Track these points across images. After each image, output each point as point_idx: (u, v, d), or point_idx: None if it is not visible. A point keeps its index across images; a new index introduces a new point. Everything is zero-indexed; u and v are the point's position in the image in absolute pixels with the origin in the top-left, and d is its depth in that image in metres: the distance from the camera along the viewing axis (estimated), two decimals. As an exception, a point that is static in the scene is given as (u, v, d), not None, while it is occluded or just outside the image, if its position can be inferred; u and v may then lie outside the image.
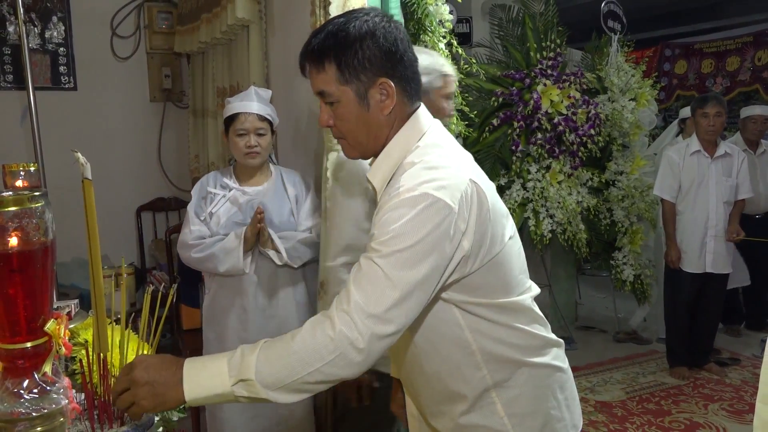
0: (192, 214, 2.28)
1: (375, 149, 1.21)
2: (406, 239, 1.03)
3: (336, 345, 1.01)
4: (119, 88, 3.98)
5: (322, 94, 1.18)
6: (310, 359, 1.03)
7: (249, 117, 2.25)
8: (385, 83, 1.15)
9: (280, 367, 1.05)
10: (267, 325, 2.29)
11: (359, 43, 1.13)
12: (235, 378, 1.05)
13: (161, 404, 1.03)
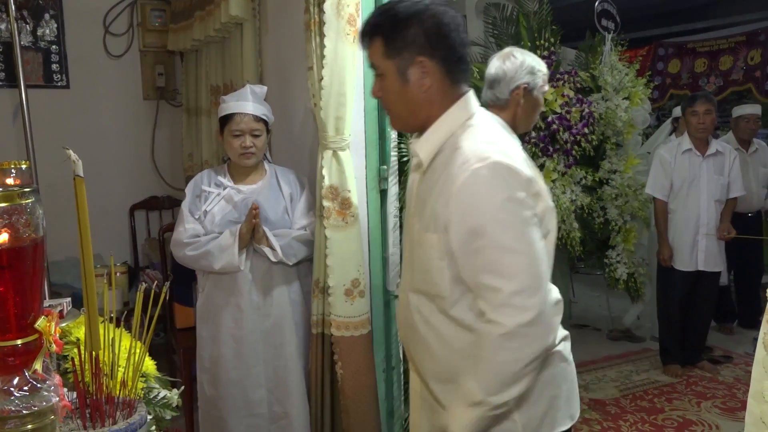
0: (186, 212, 2.28)
1: (415, 124, 1.30)
2: None
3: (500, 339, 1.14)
4: (112, 86, 3.96)
5: (372, 66, 1.29)
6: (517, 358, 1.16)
7: (245, 118, 2.25)
8: (424, 62, 1.23)
9: None
10: (262, 323, 2.29)
11: (404, 22, 1.22)
12: (481, 410, 1.18)
13: None
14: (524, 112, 1.94)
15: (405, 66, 1.24)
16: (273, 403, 2.32)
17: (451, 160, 1.21)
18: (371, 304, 2.37)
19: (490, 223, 1.15)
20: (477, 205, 1.16)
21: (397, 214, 2.41)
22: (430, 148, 1.26)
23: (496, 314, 1.15)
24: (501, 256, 1.15)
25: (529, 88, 1.90)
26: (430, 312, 1.29)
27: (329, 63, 2.10)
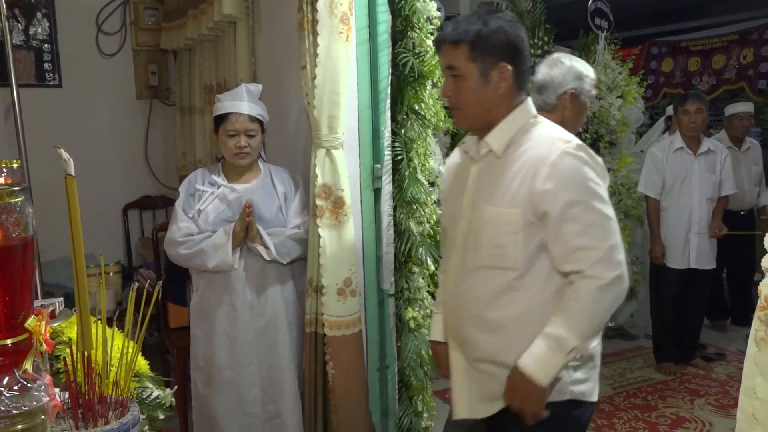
0: (180, 211, 2.27)
1: (482, 122, 1.47)
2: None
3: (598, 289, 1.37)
4: (105, 85, 3.94)
5: (450, 68, 1.44)
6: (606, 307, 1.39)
7: (240, 118, 2.24)
8: (504, 67, 1.42)
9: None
10: (256, 322, 2.28)
11: (493, 31, 1.41)
12: (563, 353, 1.37)
13: (539, 401, 1.41)
14: (571, 115, 2.04)
15: (488, 69, 1.42)
16: (266, 402, 2.32)
17: (531, 146, 1.41)
18: (365, 303, 2.37)
19: (585, 194, 1.37)
20: (571, 179, 1.37)
21: (391, 213, 2.41)
22: (503, 140, 1.44)
23: (594, 270, 1.36)
24: (595, 221, 1.37)
25: (576, 93, 2.01)
26: (497, 284, 1.44)
27: (322, 62, 2.10)
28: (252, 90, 2.34)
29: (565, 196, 1.37)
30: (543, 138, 1.43)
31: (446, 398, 3.45)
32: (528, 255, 1.42)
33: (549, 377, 1.39)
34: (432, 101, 2.45)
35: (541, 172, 1.38)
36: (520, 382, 1.40)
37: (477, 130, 1.50)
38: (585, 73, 2.03)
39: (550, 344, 1.37)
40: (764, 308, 0.98)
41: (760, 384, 0.98)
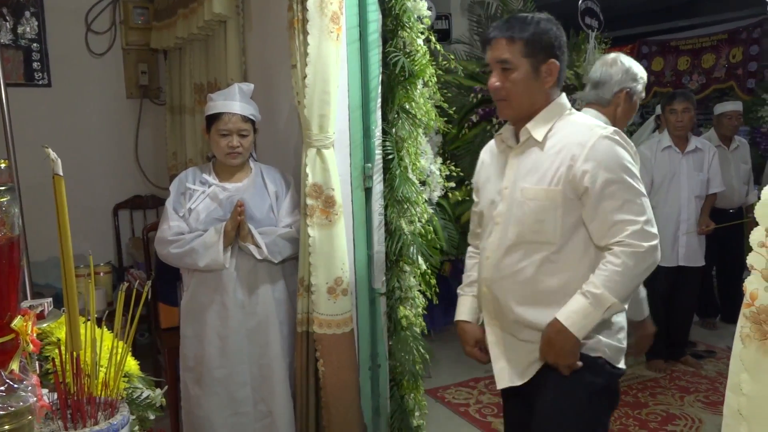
0: (170, 209, 2.27)
1: (525, 113, 1.61)
2: None
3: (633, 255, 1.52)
4: (95, 84, 3.92)
5: (502, 62, 1.57)
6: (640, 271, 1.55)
7: (233, 118, 2.24)
8: (553, 64, 1.58)
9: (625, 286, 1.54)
10: (247, 321, 2.28)
11: (545, 31, 1.57)
12: (601, 309, 1.52)
13: (573, 353, 1.56)
14: (623, 113, 2.18)
15: (538, 65, 1.57)
16: (257, 401, 2.32)
17: (569, 131, 1.57)
18: (357, 302, 2.38)
19: (622, 173, 1.52)
20: (608, 160, 1.52)
21: (382, 212, 2.41)
22: (544, 129, 1.59)
23: (632, 239, 1.51)
24: (631, 198, 1.53)
25: (630, 93, 2.15)
26: (536, 258, 1.58)
27: (313, 61, 2.10)
28: (244, 89, 2.34)
29: (603, 175, 1.51)
30: (580, 125, 1.58)
31: (438, 397, 3.47)
32: (565, 231, 1.57)
33: (584, 331, 1.53)
34: (423, 100, 2.46)
35: (581, 154, 1.52)
36: (557, 335, 1.54)
37: (518, 120, 1.64)
38: (640, 75, 2.15)
39: (589, 300, 1.51)
40: (749, 305, 0.98)
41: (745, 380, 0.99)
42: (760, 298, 0.98)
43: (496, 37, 1.59)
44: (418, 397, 2.55)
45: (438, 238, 2.76)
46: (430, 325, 3.90)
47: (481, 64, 4.10)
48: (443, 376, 3.74)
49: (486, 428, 3.12)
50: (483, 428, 3.12)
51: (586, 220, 1.56)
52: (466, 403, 3.41)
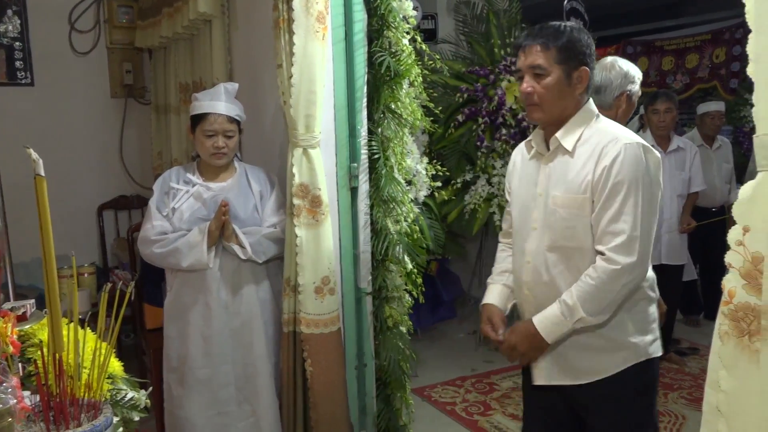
0: (154, 209, 2.26)
1: (555, 118, 1.64)
2: None
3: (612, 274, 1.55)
4: (79, 83, 3.89)
5: (535, 67, 1.61)
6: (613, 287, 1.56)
7: (218, 118, 2.23)
8: (584, 71, 1.62)
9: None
10: (231, 321, 2.28)
11: (578, 39, 1.61)
12: (571, 320, 1.59)
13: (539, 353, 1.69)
14: (624, 113, 2.27)
15: (571, 72, 1.61)
16: (241, 401, 2.31)
17: (597, 140, 1.60)
18: (343, 302, 2.38)
19: (633, 182, 1.53)
20: (625, 167, 1.54)
21: (368, 211, 2.42)
22: (573, 138, 1.63)
23: (612, 253, 1.53)
24: (629, 210, 1.53)
25: (629, 95, 2.22)
26: (571, 263, 1.64)
27: (298, 60, 2.10)
28: (229, 89, 2.33)
29: (615, 179, 1.55)
30: (607, 133, 1.61)
31: (424, 395, 3.48)
32: None
33: (554, 336, 1.62)
34: (408, 100, 2.46)
35: (603, 162, 1.57)
36: (529, 336, 1.64)
37: (548, 124, 1.68)
38: (637, 77, 2.25)
39: (562, 310, 1.59)
40: (728, 303, 1.00)
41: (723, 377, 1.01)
42: (738, 296, 1.00)
43: (530, 43, 1.64)
44: (404, 396, 2.56)
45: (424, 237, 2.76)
46: (417, 325, 3.91)
47: (467, 63, 4.11)
48: (430, 375, 3.75)
49: (472, 426, 3.13)
50: (469, 426, 3.14)
51: (593, 222, 1.60)
52: (453, 401, 3.43)
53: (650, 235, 1.57)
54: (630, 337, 1.65)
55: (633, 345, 1.65)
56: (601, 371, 1.66)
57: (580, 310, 1.56)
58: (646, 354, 1.67)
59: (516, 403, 3.37)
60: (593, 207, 1.59)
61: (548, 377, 1.73)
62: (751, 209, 0.97)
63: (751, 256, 0.97)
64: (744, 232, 0.98)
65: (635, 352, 1.65)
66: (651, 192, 1.57)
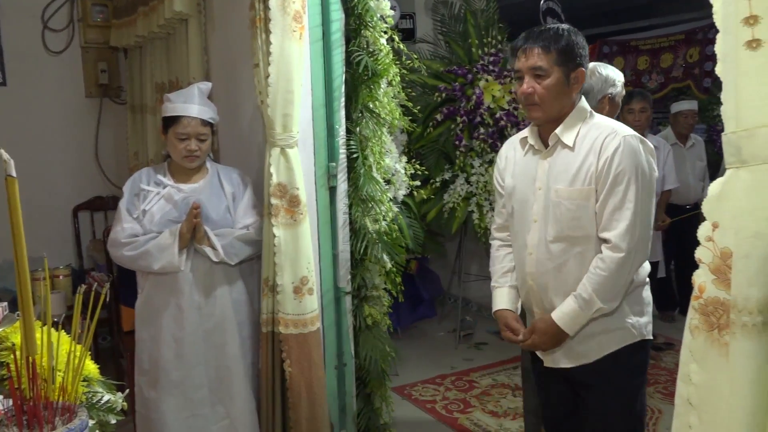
0: (124, 211, 2.22)
1: (553, 116, 1.72)
2: None
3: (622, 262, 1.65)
4: (52, 83, 3.83)
5: (536, 69, 1.68)
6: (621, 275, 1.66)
7: (192, 122, 2.21)
8: (581, 71, 1.71)
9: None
10: (203, 323, 2.25)
11: (575, 41, 1.69)
12: (589, 312, 1.68)
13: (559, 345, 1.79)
14: (609, 113, 2.41)
15: (569, 73, 1.69)
16: (215, 403, 2.29)
17: (596, 134, 1.69)
18: (322, 302, 2.38)
19: (633, 171, 1.63)
20: (626, 157, 1.64)
21: (347, 210, 2.42)
22: (572, 133, 1.72)
23: (618, 240, 1.64)
24: (632, 198, 1.63)
25: (611, 97, 2.38)
26: (576, 252, 1.73)
27: (275, 60, 2.09)
28: (203, 89, 2.31)
29: (617, 170, 1.64)
30: (605, 127, 1.71)
31: (404, 394, 3.49)
32: None
33: (575, 329, 1.72)
34: (387, 99, 2.47)
35: (605, 154, 1.66)
36: (553, 330, 1.74)
37: (546, 122, 1.76)
38: (618, 79, 2.41)
39: (580, 304, 1.68)
40: (698, 297, 1.02)
41: (694, 370, 1.03)
42: (707, 291, 1.02)
43: (531, 46, 1.71)
44: (384, 395, 2.57)
45: (403, 236, 2.77)
46: (397, 324, 3.93)
47: (445, 63, 4.13)
48: (410, 374, 3.76)
49: (452, 424, 3.15)
50: (450, 424, 3.16)
51: (597, 210, 1.70)
52: (433, 399, 3.44)
53: (650, 219, 1.69)
54: (627, 319, 1.76)
55: (629, 326, 1.77)
56: (599, 351, 1.78)
57: (597, 301, 1.67)
58: (641, 335, 1.79)
59: (495, 400, 3.39)
60: (597, 196, 1.68)
61: (554, 361, 1.86)
62: (719, 206, 0.99)
63: (720, 252, 1.00)
64: (713, 228, 1.00)
65: (631, 332, 1.77)
66: (649, 179, 1.67)
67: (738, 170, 0.97)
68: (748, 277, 0.93)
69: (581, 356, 1.80)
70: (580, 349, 1.79)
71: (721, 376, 0.99)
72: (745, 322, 0.93)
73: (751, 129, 0.93)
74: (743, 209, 0.95)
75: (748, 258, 0.94)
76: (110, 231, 2.28)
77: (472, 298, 4.98)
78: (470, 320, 4.48)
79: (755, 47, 0.92)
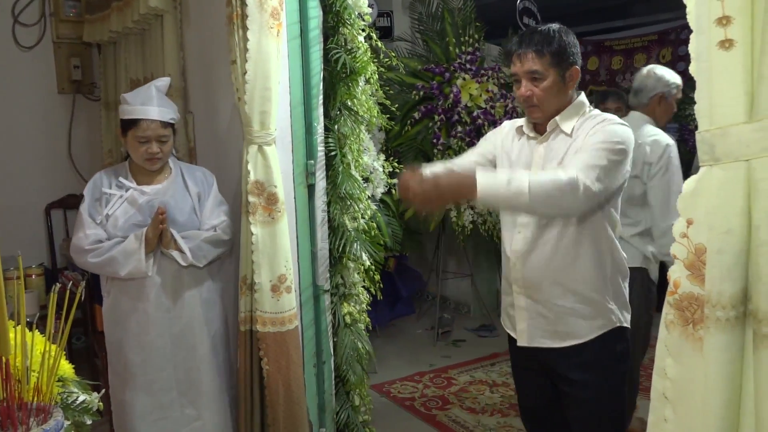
0: (86, 216, 2.14)
1: (552, 114, 1.79)
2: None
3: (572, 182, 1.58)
4: (23, 78, 3.75)
5: (533, 73, 1.75)
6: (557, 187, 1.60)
7: (151, 125, 2.14)
8: (576, 70, 1.77)
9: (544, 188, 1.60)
10: (171, 326, 2.21)
11: (566, 42, 1.75)
12: (509, 192, 1.57)
13: (446, 201, 1.69)
14: (662, 112, 2.70)
15: (563, 73, 1.75)
16: (184, 405, 2.25)
17: (593, 123, 1.75)
18: (300, 300, 2.37)
19: (609, 143, 1.66)
20: (602, 131, 1.70)
21: (325, 208, 2.41)
22: (571, 123, 1.78)
23: (578, 172, 1.60)
24: (601, 161, 1.64)
25: (663, 95, 2.63)
26: (567, 231, 1.76)
27: (253, 57, 2.08)
28: (161, 87, 2.23)
29: (594, 137, 1.70)
30: (599, 116, 1.78)
31: (383, 392, 3.50)
32: None
33: (484, 195, 1.58)
34: (365, 97, 2.47)
35: (593, 133, 1.72)
36: (466, 184, 1.58)
37: (546, 119, 1.81)
38: (672, 81, 2.64)
39: (510, 178, 1.59)
40: (673, 293, 1.04)
41: (669, 365, 1.05)
42: (682, 286, 1.04)
43: (524, 50, 1.76)
44: (363, 393, 2.57)
45: (382, 234, 2.77)
46: (375, 322, 3.93)
47: (423, 61, 4.14)
48: (388, 371, 3.77)
49: (431, 421, 3.17)
50: (428, 421, 3.17)
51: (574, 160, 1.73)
52: (412, 396, 3.45)
53: (613, 184, 1.69)
54: (608, 304, 1.78)
55: (610, 311, 1.79)
56: (580, 335, 1.78)
57: (527, 191, 1.55)
58: (620, 321, 1.81)
59: (473, 396, 3.42)
60: None
61: (530, 339, 1.85)
62: (694, 202, 1.01)
63: (695, 248, 1.01)
64: (687, 225, 1.02)
65: (611, 318, 1.79)
66: (624, 153, 1.69)
67: (711, 168, 0.98)
68: (722, 273, 0.95)
69: (561, 337, 1.80)
70: (560, 329, 1.80)
71: (696, 370, 1.01)
72: (718, 316, 0.95)
73: (724, 127, 0.95)
74: (716, 206, 0.97)
75: (721, 253, 0.95)
76: (72, 238, 2.19)
77: (450, 296, 5.01)
78: (448, 317, 4.51)
79: (728, 47, 0.94)
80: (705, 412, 0.97)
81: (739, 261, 0.94)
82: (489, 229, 4.06)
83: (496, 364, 3.89)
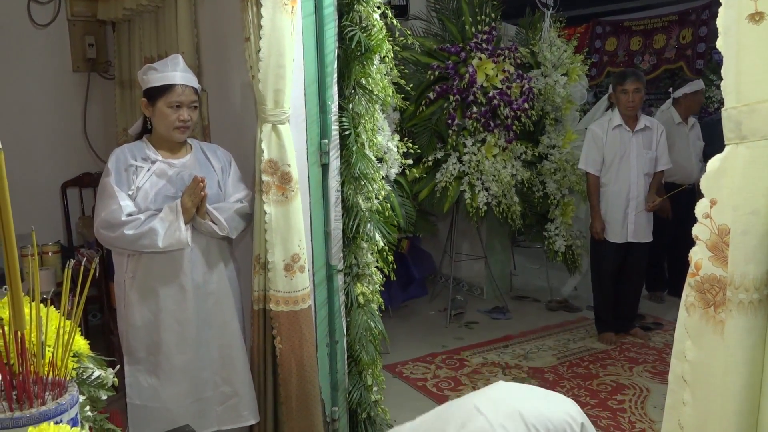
0: (116, 188, 2.07)
1: None
2: None
3: None
4: (38, 57, 3.75)
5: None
6: None
7: (186, 90, 2.14)
8: None
9: None
10: (204, 302, 2.21)
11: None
12: None
13: None
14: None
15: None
16: (219, 384, 2.24)
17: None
18: (314, 279, 2.37)
19: None
20: None
21: (339, 188, 2.40)
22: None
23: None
24: None
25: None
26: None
27: (266, 34, 2.06)
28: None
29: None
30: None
31: (396, 372, 3.51)
32: None
33: None
34: (379, 76, 2.44)
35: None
36: None
37: None
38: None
39: None
40: (694, 275, 1.02)
41: (689, 347, 1.03)
42: (704, 268, 1.01)
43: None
44: (375, 373, 2.57)
45: (395, 215, 2.76)
46: (388, 302, 3.93)
47: (438, 41, 4.09)
48: (401, 352, 3.78)
49: (443, 402, 3.17)
50: (440, 401, 3.17)
51: None
52: (424, 377, 3.46)
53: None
54: None
55: None
56: None
57: None
58: None
59: (486, 378, 3.42)
60: None
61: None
62: (718, 182, 0.99)
63: (718, 229, 0.99)
64: (711, 205, 1.00)
65: None
66: None
67: (737, 146, 0.96)
68: (746, 254, 0.93)
69: None
70: None
71: (716, 353, 0.99)
72: (741, 299, 0.93)
73: (752, 104, 0.92)
74: (741, 186, 0.94)
75: (746, 234, 0.93)
76: (99, 212, 2.10)
77: (463, 278, 5.00)
78: (461, 299, 4.50)
79: (758, 20, 0.90)
80: (724, 396, 0.96)
81: (763, 242, 0.92)
82: (503, 210, 4.03)
83: (509, 347, 3.88)
